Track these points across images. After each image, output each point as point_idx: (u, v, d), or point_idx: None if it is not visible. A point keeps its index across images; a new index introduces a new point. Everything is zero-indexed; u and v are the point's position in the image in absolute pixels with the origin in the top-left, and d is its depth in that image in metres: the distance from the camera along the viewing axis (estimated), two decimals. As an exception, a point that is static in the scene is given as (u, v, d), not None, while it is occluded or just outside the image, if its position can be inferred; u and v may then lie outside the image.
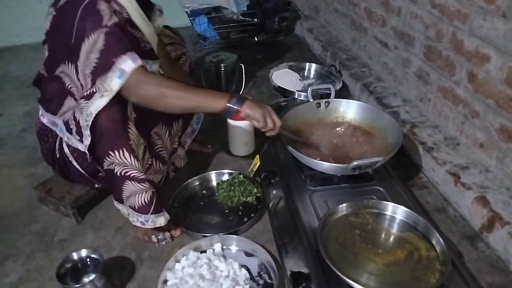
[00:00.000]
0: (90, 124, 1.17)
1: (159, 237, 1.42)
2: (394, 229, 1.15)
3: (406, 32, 1.92)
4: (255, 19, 2.98)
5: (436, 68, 1.72)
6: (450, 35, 1.60)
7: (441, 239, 1.05)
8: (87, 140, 1.21)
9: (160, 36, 1.54)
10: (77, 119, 1.23)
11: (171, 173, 1.62)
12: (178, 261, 1.29)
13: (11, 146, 2.00)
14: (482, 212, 1.37)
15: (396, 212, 1.17)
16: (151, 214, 1.34)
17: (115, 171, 1.25)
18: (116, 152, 1.21)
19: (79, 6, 1.14)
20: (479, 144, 1.53)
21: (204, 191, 1.64)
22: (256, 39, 3.10)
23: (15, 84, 2.60)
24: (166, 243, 1.42)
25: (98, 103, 1.14)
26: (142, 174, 1.28)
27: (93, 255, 1.26)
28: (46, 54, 1.34)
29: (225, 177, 1.67)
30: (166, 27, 1.67)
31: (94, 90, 1.15)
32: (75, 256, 1.25)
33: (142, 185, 1.29)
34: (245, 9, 2.83)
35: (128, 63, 1.12)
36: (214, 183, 1.68)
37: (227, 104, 1.23)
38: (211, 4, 2.81)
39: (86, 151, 1.24)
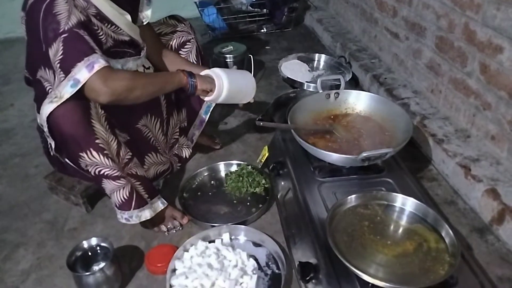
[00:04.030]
0: (47, 130, 1.19)
1: (169, 226, 1.43)
2: (403, 221, 1.14)
3: (417, 22, 1.89)
4: (264, 10, 2.97)
5: (447, 59, 1.70)
6: (463, 25, 1.58)
7: (450, 231, 1.04)
8: (52, 147, 1.25)
9: (149, 25, 1.50)
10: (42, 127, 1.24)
11: (175, 164, 1.63)
12: (187, 251, 1.30)
13: (22, 136, 2.02)
14: (492, 205, 1.35)
15: (405, 204, 1.16)
16: (134, 209, 1.33)
17: (90, 171, 1.25)
18: (84, 153, 1.20)
19: (40, 11, 1.11)
20: (490, 136, 1.51)
21: (212, 182, 1.64)
22: (265, 30, 3.09)
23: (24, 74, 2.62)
24: (176, 231, 1.44)
25: (47, 108, 1.13)
26: (115, 171, 1.26)
27: (103, 244, 1.27)
28: (25, 57, 1.32)
29: (234, 168, 1.67)
30: (171, 17, 1.66)
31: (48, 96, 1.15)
32: (85, 244, 1.27)
33: (118, 182, 1.28)
34: (254, 0, 2.82)
35: (82, 73, 1.10)
36: (223, 173, 1.68)
37: (185, 77, 1.34)
38: (220, -5, 2.80)
39: (62, 157, 1.31)
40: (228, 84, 1.40)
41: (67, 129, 1.16)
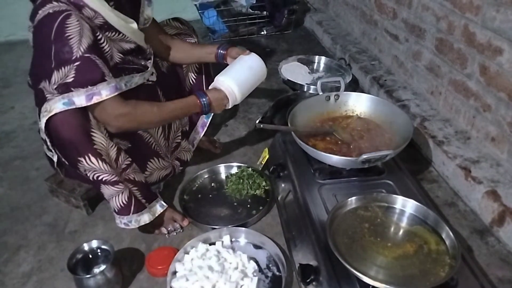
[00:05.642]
0: (50, 144, 1.24)
1: (169, 228, 1.43)
2: (404, 223, 1.14)
3: (417, 24, 1.90)
4: (264, 12, 2.97)
5: (447, 61, 1.70)
6: (462, 27, 1.58)
7: (451, 233, 1.05)
8: (55, 158, 1.30)
9: (154, 23, 1.51)
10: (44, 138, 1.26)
11: (177, 167, 1.63)
12: (187, 253, 1.30)
13: (22, 138, 2.03)
14: (492, 206, 1.35)
15: (405, 206, 1.16)
16: (133, 214, 1.34)
17: (88, 175, 1.26)
18: (82, 158, 1.21)
19: (51, 30, 1.11)
20: (490, 138, 1.51)
21: (213, 184, 1.64)
22: (265, 32, 3.10)
23: (26, 78, 2.61)
24: (176, 233, 1.44)
25: (41, 124, 1.18)
26: (114, 176, 1.27)
27: (103, 246, 1.27)
28: (30, 65, 1.32)
29: (234, 170, 1.67)
30: (174, 19, 1.66)
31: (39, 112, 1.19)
32: (86, 247, 1.27)
33: (116, 187, 1.28)
34: (254, 2, 2.83)
35: (81, 99, 1.14)
36: (223, 176, 1.68)
37: (200, 104, 1.35)
38: (220, -3, 2.81)
39: (57, 166, 1.38)
40: (239, 92, 1.41)
41: (65, 134, 1.18)
